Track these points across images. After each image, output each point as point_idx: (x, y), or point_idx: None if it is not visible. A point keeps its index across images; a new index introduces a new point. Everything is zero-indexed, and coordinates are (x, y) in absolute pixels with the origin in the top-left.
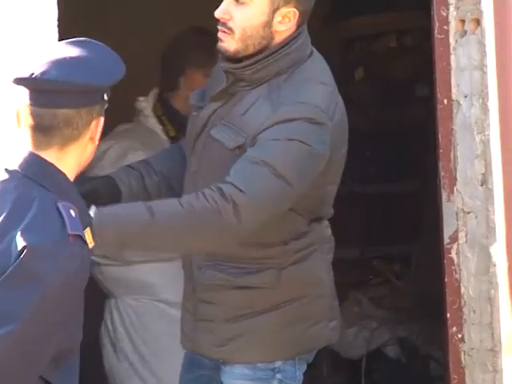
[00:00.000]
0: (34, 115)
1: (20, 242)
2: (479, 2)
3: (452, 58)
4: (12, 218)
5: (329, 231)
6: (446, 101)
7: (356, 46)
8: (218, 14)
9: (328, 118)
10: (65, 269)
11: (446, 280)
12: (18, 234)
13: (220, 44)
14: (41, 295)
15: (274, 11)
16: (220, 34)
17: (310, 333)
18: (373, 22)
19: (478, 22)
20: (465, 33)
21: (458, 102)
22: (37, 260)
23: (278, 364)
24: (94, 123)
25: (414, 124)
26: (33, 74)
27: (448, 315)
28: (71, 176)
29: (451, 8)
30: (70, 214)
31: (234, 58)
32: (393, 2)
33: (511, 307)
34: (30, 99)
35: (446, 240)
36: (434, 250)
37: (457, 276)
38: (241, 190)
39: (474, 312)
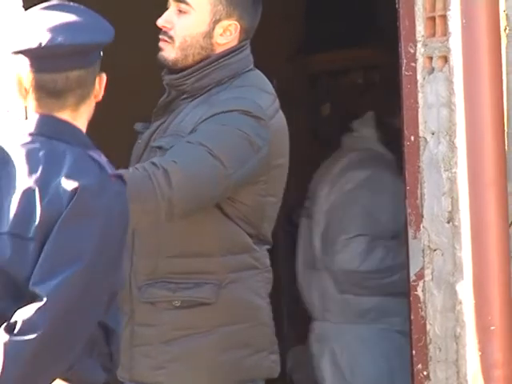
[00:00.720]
0: (45, 81)
1: (70, 184)
2: (447, 40)
3: (419, 95)
4: (50, 169)
5: (268, 261)
6: (413, 138)
7: (322, 82)
8: (160, 22)
9: (266, 116)
10: (114, 206)
11: (412, 317)
12: (63, 179)
13: (160, 53)
14: (101, 230)
15: (216, 22)
16: (160, 43)
17: (250, 362)
18: (340, 57)
19: (445, 59)
20: (432, 70)
21: (425, 139)
22: (90, 198)
23: None
24: (97, 80)
25: None
26: (41, 43)
27: (413, 352)
28: None
29: (419, 45)
30: (103, 159)
31: (174, 69)
32: (360, 38)
33: (477, 345)
34: (37, 66)
35: (412, 277)
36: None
37: (423, 313)
38: (173, 161)
39: (440, 350)
